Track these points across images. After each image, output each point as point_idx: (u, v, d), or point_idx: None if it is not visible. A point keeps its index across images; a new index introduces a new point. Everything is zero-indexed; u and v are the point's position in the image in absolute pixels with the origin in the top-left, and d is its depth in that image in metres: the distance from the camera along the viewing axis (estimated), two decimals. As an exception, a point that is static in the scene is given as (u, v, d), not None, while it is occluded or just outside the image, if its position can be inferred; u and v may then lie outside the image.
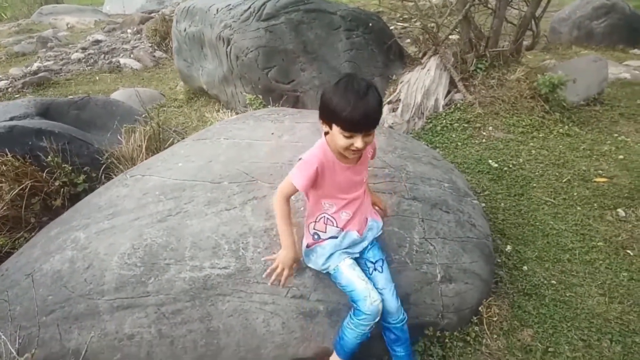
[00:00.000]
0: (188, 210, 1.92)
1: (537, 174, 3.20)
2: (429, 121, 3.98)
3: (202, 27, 4.57)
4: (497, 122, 3.84)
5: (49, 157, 2.65)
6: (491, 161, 3.36)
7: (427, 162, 2.44)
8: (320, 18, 4.26)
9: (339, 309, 1.72)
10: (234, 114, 4.00)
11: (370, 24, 4.48)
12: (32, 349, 1.66)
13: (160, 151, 2.77)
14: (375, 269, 1.70)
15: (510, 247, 2.50)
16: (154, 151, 3.11)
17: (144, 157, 3.00)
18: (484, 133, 3.74)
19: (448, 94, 4.15)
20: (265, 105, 3.89)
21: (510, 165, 3.31)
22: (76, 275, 1.78)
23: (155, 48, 7.47)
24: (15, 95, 5.54)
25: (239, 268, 1.74)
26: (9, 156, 2.56)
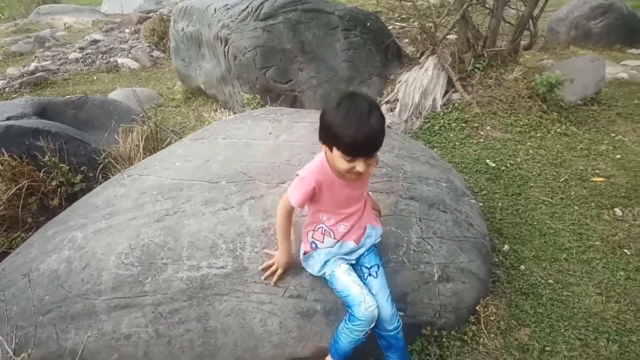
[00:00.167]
0: (185, 210, 1.92)
1: (535, 173, 3.21)
2: (426, 121, 3.98)
3: (200, 27, 4.56)
4: (495, 121, 3.84)
5: (46, 157, 2.65)
6: (489, 161, 3.37)
7: (425, 162, 2.44)
8: (318, 18, 4.26)
9: (336, 308, 1.72)
10: (231, 113, 3.99)
11: (368, 24, 4.48)
12: (28, 349, 1.65)
13: (158, 151, 2.77)
14: (370, 274, 1.68)
15: (507, 247, 2.50)
16: (151, 151, 3.10)
17: (141, 156, 3.00)
18: (481, 133, 3.74)
19: (446, 93, 4.15)
20: (263, 105, 3.89)
21: (508, 165, 3.32)
22: (73, 275, 1.78)
23: (153, 48, 7.46)
24: (13, 95, 5.53)
25: (237, 268, 1.74)
26: (5, 156, 2.56)
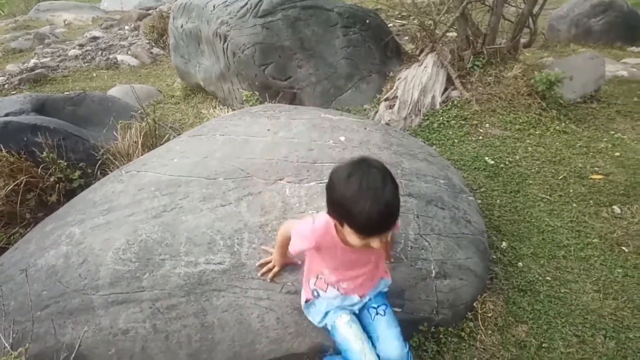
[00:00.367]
0: (183, 206, 1.92)
1: (533, 171, 3.21)
2: (425, 118, 3.98)
3: (199, 24, 4.56)
4: (494, 119, 3.84)
5: (44, 153, 2.65)
6: (487, 158, 3.36)
7: (423, 159, 2.44)
8: (317, 15, 4.25)
9: (333, 304, 1.72)
10: (230, 110, 3.99)
11: (368, 21, 4.47)
12: (26, 344, 1.65)
13: (156, 147, 2.77)
14: (378, 313, 1.60)
15: (505, 244, 2.50)
16: (149, 147, 3.10)
17: (139, 153, 3.00)
18: (480, 130, 3.74)
19: (445, 91, 4.14)
20: (262, 102, 3.88)
21: (507, 162, 3.31)
22: (71, 271, 1.78)
23: (153, 45, 7.44)
24: (12, 92, 5.51)
25: (234, 264, 1.75)
26: (3, 152, 2.56)
